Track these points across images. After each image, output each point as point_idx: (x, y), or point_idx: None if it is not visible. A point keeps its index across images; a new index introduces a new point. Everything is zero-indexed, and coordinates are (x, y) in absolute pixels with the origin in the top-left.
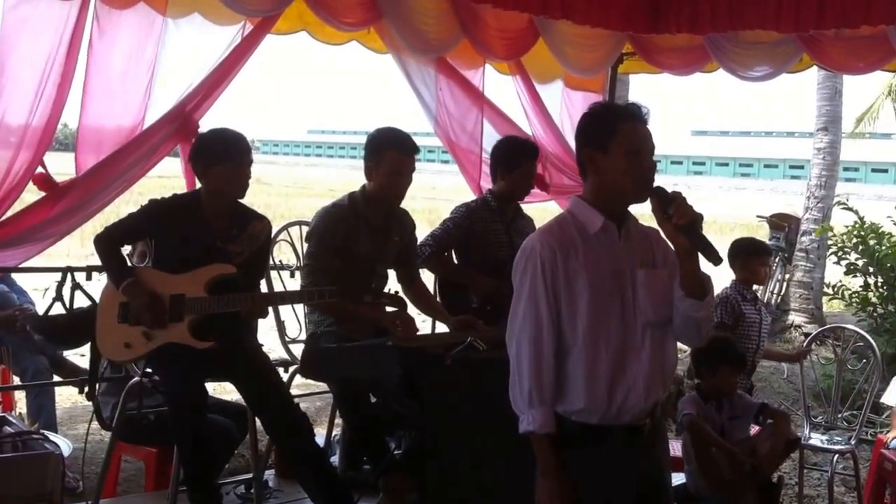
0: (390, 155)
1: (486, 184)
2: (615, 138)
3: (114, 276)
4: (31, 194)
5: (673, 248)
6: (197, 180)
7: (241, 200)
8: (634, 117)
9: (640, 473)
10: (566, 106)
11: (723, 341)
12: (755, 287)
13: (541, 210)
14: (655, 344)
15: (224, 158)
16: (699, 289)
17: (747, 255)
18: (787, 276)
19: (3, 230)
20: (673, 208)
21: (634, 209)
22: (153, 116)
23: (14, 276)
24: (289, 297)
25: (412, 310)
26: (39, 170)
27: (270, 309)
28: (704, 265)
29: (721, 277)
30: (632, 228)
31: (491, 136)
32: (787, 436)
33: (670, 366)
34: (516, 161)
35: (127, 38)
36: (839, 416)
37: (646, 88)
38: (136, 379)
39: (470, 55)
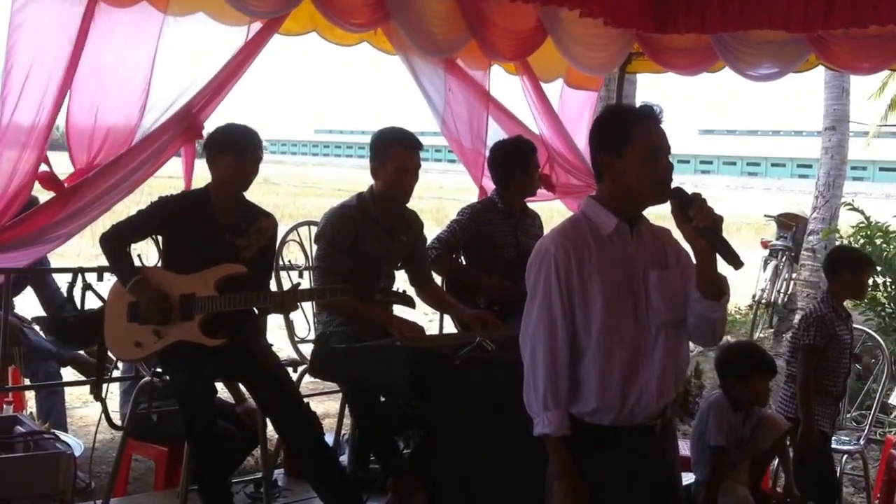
0: (395, 151)
1: (490, 183)
2: (630, 141)
3: (121, 275)
4: (40, 195)
5: (691, 249)
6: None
7: (249, 199)
8: (648, 117)
9: (651, 473)
10: (563, 103)
11: (752, 348)
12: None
13: (547, 209)
14: (668, 345)
15: (228, 148)
16: (716, 290)
17: (860, 266)
18: (794, 275)
19: (13, 231)
20: (693, 210)
21: (652, 209)
22: (153, 115)
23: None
24: (300, 296)
25: (424, 309)
26: (44, 168)
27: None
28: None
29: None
30: (643, 229)
31: (497, 137)
32: (776, 433)
33: (682, 366)
34: (527, 157)
35: (120, 35)
36: (848, 416)
37: (653, 88)
38: (147, 378)
39: (477, 55)
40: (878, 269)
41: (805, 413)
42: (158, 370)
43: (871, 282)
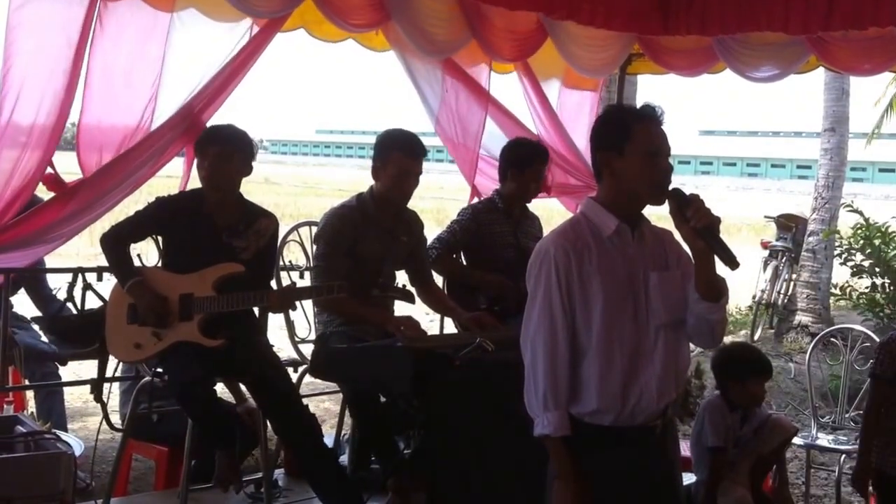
0: (397, 157)
1: (484, 181)
2: (630, 140)
3: (120, 276)
4: (41, 194)
5: (689, 250)
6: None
7: (250, 199)
8: (649, 118)
9: (652, 474)
10: (561, 104)
11: (748, 350)
12: None
13: (546, 209)
14: (668, 346)
15: (197, 150)
16: (715, 291)
17: None
18: (794, 276)
19: (14, 231)
20: (691, 211)
21: (652, 210)
22: (161, 115)
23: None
24: (296, 294)
25: (425, 309)
26: (49, 170)
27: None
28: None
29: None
30: (645, 230)
31: (496, 136)
32: (782, 435)
33: (683, 367)
34: (528, 161)
35: (129, 35)
36: (846, 416)
37: (653, 89)
38: (147, 378)
39: (477, 55)
40: (877, 270)
41: (860, 447)
42: (159, 370)
43: (869, 283)
